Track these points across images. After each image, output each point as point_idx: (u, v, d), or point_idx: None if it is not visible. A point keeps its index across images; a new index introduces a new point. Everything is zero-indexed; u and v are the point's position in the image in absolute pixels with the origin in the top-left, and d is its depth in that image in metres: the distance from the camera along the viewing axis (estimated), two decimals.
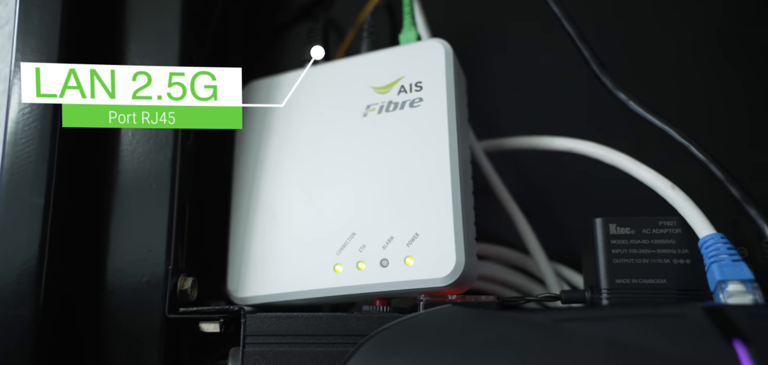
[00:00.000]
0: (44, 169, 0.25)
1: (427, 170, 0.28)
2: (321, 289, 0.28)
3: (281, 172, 0.31)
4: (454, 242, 0.26)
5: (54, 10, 0.26)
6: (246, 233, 0.31)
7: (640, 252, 0.27)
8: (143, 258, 0.28)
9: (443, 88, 0.29)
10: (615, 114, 0.30)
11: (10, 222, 0.25)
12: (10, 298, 0.24)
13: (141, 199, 0.28)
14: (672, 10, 0.41)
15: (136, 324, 0.27)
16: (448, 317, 0.23)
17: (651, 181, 0.28)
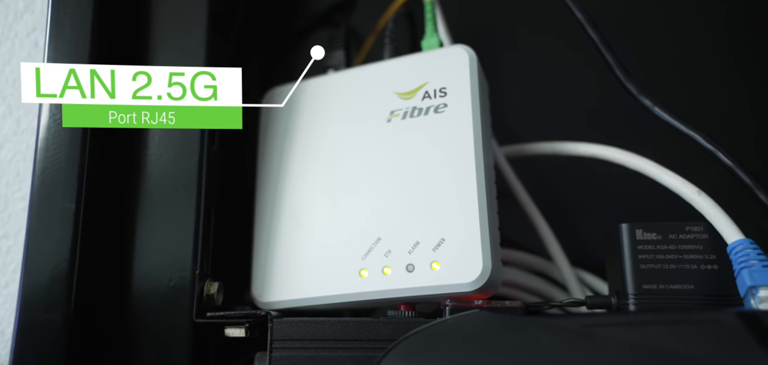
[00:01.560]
0: (75, 174, 0.26)
1: (452, 175, 0.28)
2: (347, 294, 0.29)
3: (305, 177, 0.31)
4: (480, 248, 0.26)
5: (84, 19, 0.27)
6: (270, 238, 0.31)
7: (667, 258, 0.27)
8: (170, 263, 0.28)
9: (468, 94, 0.29)
10: (613, 116, 0.30)
11: (42, 227, 0.25)
12: (42, 302, 0.24)
13: (168, 204, 0.29)
14: (679, 20, 0.41)
15: (163, 328, 0.27)
16: (477, 322, 0.23)
17: (677, 187, 0.28)
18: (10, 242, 0.33)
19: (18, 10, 0.35)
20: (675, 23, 0.41)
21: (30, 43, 0.35)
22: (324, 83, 0.33)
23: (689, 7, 0.42)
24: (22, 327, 0.24)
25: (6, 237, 0.34)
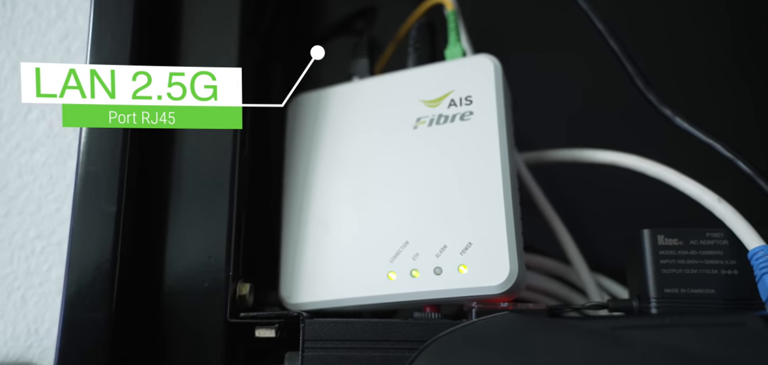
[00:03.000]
0: (116, 178, 0.26)
1: (479, 181, 0.29)
2: (375, 295, 0.29)
3: (332, 182, 0.32)
4: (507, 252, 0.27)
5: (124, 30, 0.28)
6: (298, 241, 0.32)
7: (688, 263, 0.27)
8: (204, 264, 0.29)
9: (493, 102, 0.30)
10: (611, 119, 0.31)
11: (85, 229, 0.26)
12: (86, 301, 0.25)
13: (201, 207, 0.29)
14: (690, 30, 0.42)
15: (198, 328, 0.28)
16: (506, 324, 0.24)
17: (697, 194, 0.28)
18: (43, 243, 0.34)
19: (51, 17, 0.36)
20: (679, 28, 0.42)
21: (62, 49, 0.36)
22: (350, 90, 0.34)
23: (694, 12, 0.42)
24: (66, 325, 0.25)
25: (39, 238, 0.34)
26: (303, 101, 0.35)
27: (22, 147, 0.35)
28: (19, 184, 0.35)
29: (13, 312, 0.33)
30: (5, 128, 0.35)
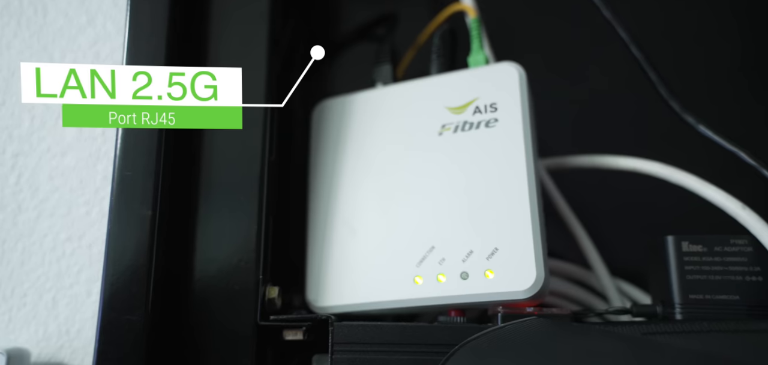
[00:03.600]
0: (151, 182, 0.27)
1: (504, 187, 0.29)
2: (401, 299, 0.30)
3: (358, 187, 0.33)
4: (534, 257, 0.28)
5: (158, 41, 0.28)
6: (324, 245, 0.33)
7: (713, 269, 0.28)
8: (235, 268, 0.29)
9: (518, 110, 0.30)
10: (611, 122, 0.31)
11: (121, 233, 0.26)
12: (123, 303, 0.26)
13: (231, 212, 0.30)
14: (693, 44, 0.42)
15: (230, 331, 0.28)
16: (535, 328, 0.25)
17: (721, 202, 0.29)
18: (74, 245, 0.35)
19: (80, 24, 0.37)
20: (701, 34, 0.43)
21: (92, 54, 0.37)
22: (374, 97, 0.34)
23: (707, 19, 0.43)
24: (104, 327, 0.25)
25: (70, 241, 0.35)
26: (327, 107, 0.36)
27: (53, 151, 0.36)
28: (50, 187, 0.36)
29: (44, 313, 0.34)
30: (36, 132, 0.36)
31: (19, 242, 0.35)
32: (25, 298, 0.34)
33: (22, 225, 0.35)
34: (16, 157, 0.36)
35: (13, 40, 0.37)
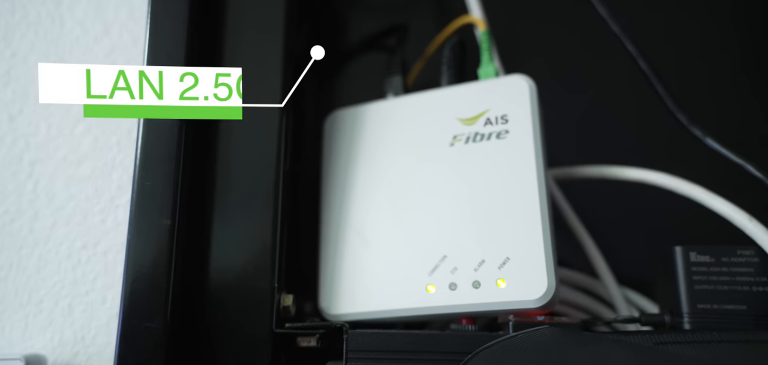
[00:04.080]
0: (171, 192, 0.28)
1: (516, 197, 0.30)
2: (414, 308, 0.30)
3: (370, 196, 0.33)
4: (545, 267, 0.28)
5: (178, 48, 0.29)
6: (337, 254, 0.33)
7: (720, 279, 0.28)
8: (251, 276, 0.30)
9: (529, 122, 0.31)
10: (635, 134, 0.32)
11: (141, 242, 0.27)
12: (143, 311, 0.26)
13: (247, 221, 0.30)
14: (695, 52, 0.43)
15: (246, 338, 0.29)
16: (548, 337, 0.25)
17: (728, 213, 0.29)
18: (89, 253, 0.35)
19: (97, 34, 0.37)
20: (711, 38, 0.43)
21: (108, 63, 0.37)
22: (386, 107, 0.35)
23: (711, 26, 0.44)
24: (124, 334, 0.26)
25: (85, 248, 0.36)
26: (339, 117, 0.36)
27: (69, 160, 0.36)
28: (66, 195, 0.36)
29: (60, 320, 0.34)
30: (53, 141, 0.37)
31: (35, 249, 0.35)
32: (42, 305, 0.35)
33: (38, 232, 0.36)
34: (34, 165, 0.36)
35: (30, 51, 0.37)
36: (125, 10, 0.38)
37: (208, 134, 0.31)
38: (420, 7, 0.47)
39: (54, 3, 0.38)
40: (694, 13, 0.44)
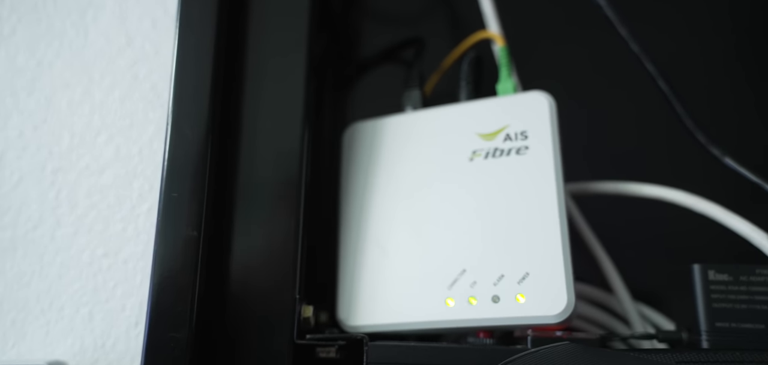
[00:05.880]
0: (197, 204, 0.28)
1: (535, 213, 0.30)
2: (433, 320, 0.31)
3: (390, 209, 0.34)
4: (564, 283, 0.28)
5: (205, 68, 0.29)
6: (356, 266, 0.33)
7: (739, 298, 0.29)
8: (272, 287, 0.30)
9: (549, 138, 0.31)
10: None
11: (168, 252, 0.27)
12: (168, 321, 0.27)
13: (269, 233, 0.31)
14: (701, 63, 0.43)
15: (268, 349, 0.29)
16: (569, 353, 0.25)
17: (746, 232, 0.30)
18: (110, 261, 0.36)
19: (120, 45, 0.38)
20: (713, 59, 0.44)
21: (130, 75, 0.38)
22: (405, 121, 0.35)
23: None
24: (150, 344, 0.26)
25: (106, 256, 0.36)
26: (358, 130, 0.37)
27: (91, 168, 0.37)
28: (88, 203, 0.37)
29: (81, 327, 0.35)
30: (75, 150, 0.37)
31: (57, 257, 0.36)
32: (63, 311, 0.35)
33: (60, 240, 0.36)
34: (56, 173, 0.37)
35: (55, 60, 0.38)
36: (148, 21, 0.38)
37: (233, 145, 0.31)
38: (433, 20, 0.47)
39: (78, 14, 0.38)
40: (701, 30, 0.44)
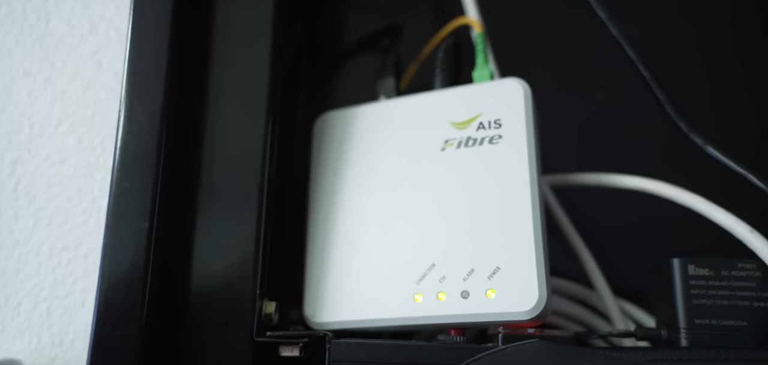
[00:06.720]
0: (149, 194, 0.27)
1: (507, 205, 0.29)
2: (400, 317, 0.29)
3: (359, 201, 0.32)
4: (536, 278, 0.27)
5: (161, 45, 0.28)
6: (323, 260, 0.32)
7: (720, 294, 0.27)
8: (231, 283, 0.29)
9: (523, 127, 0.30)
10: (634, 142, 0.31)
11: (118, 245, 0.26)
12: (117, 318, 0.25)
13: (229, 226, 0.29)
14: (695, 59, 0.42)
15: (225, 347, 0.28)
16: (538, 351, 0.24)
17: (729, 225, 0.28)
18: (70, 255, 0.35)
19: (83, 32, 0.37)
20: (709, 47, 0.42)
21: (93, 63, 0.36)
22: (377, 110, 0.34)
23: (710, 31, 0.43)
24: (97, 342, 0.25)
25: (66, 250, 0.35)
26: (329, 119, 0.35)
27: (52, 159, 0.35)
28: (48, 196, 0.35)
29: (38, 323, 0.34)
30: (35, 140, 0.36)
31: (15, 250, 0.35)
32: (20, 308, 0.34)
33: (18, 233, 0.35)
34: (15, 164, 0.35)
35: (15, 47, 0.36)
36: (112, 6, 0.37)
37: (191, 135, 0.30)
38: (418, 8, 0.46)
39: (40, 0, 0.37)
40: (695, 17, 0.43)
